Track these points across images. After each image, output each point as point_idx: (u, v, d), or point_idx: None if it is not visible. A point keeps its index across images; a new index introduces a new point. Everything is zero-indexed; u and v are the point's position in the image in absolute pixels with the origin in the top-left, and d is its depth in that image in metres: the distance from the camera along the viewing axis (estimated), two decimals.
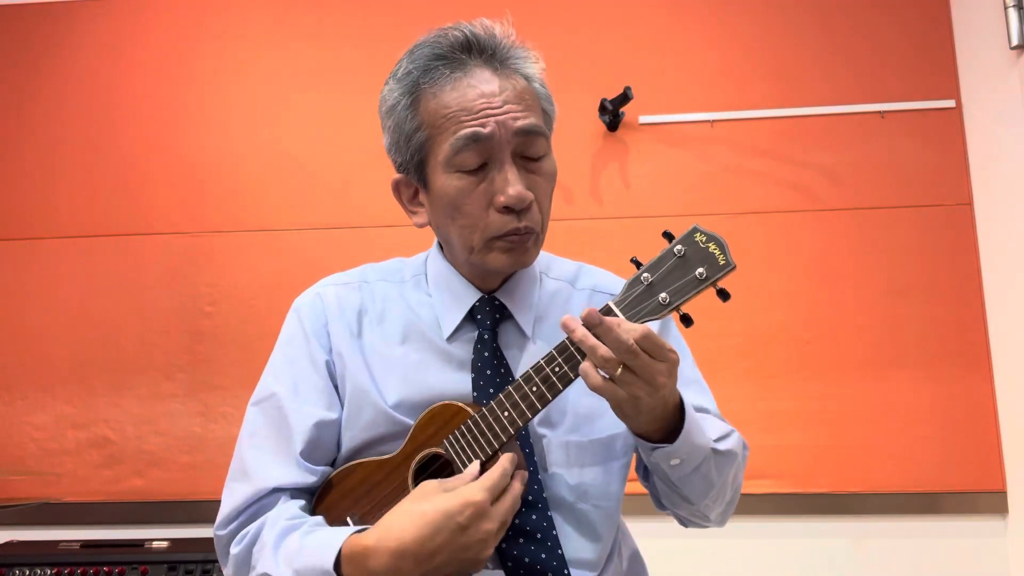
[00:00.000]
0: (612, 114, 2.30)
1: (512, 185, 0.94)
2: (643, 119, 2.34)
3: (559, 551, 0.95)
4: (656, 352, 0.84)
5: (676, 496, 1.01)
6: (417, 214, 1.05)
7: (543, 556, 0.94)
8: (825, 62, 2.33)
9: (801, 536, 2.14)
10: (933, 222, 2.24)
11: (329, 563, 0.86)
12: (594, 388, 0.86)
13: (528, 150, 0.97)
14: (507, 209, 0.95)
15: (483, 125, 0.93)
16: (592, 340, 0.84)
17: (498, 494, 0.87)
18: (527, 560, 0.94)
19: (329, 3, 2.49)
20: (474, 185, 0.95)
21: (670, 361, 0.86)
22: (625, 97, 2.23)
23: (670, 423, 0.92)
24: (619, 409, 0.88)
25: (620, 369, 0.84)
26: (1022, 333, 2.07)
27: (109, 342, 2.35)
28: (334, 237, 2.35)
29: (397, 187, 1.05)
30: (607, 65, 2.36)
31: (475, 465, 0.91)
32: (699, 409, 1.07)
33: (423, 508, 0.86)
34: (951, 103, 2.27)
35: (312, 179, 2.40)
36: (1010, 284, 2.12)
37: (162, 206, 2.42)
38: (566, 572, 0.95)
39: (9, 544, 2.11)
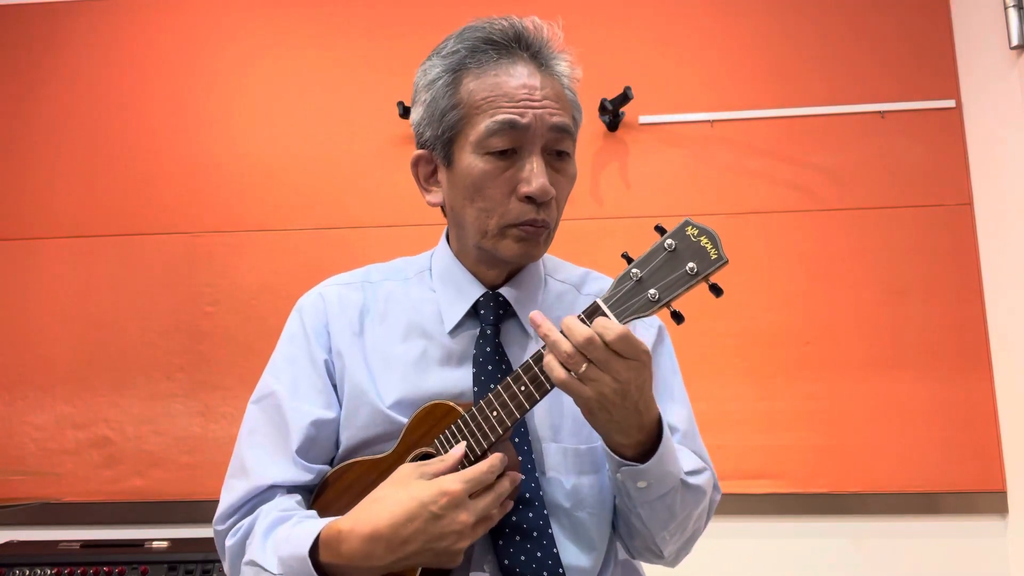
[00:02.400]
0: (612, 114, 2.30)
1: (538, 177, 0.95)
2: (643, 119, 2.34)
3: (554, 550, 0.95)
4: (625, 350, 0.83)
5: (634, 521, 0.98)
6: (432, 192, 1.05)
7: (538, 555, 0.94)
8: (825, 62, 2.33)
9: (801, 536, 2.14)
10: (933, 222, 2.24)
11: (305, 549, 0.87)
12: (558, 383, 0.84)
13: (557, 147, 0.99)
14: (529, 199, 0.96)
15: (522, 114, 0.95)
16: (555, 335, 0.84)
17: (478, 488, 0.87)
18: (523, 558, 0.94)
19: (329, 4, 2.49)
20: (500, 170, 0.96)
21: (639, 360, 0.84)
22: (625, 97, 2.23)
23: (645, 441, 0.90)
24: (589, 413, 0.87)
25: (584, 365, 0.83)
26: (1022, 333, 2.08)
27: (109, 342, 2.35)
28: (334, 237, 2.35)
29: (417, 163, 1.06)
30: (607, 65, 2.36)
31: (460, 447, 0.91)
32: (672, 427, 1.05)
33: (398, 495, 0.86)
34: (951, 103, 2.27)
35: (312, 179, 2.40)
36: (1010, 284, 2.12)
37: (162, 206, 2.42)
38: (560, 571, 0.95)
39: (9, 544, 2.11)
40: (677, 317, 0.85)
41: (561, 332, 0.84)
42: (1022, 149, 2.09)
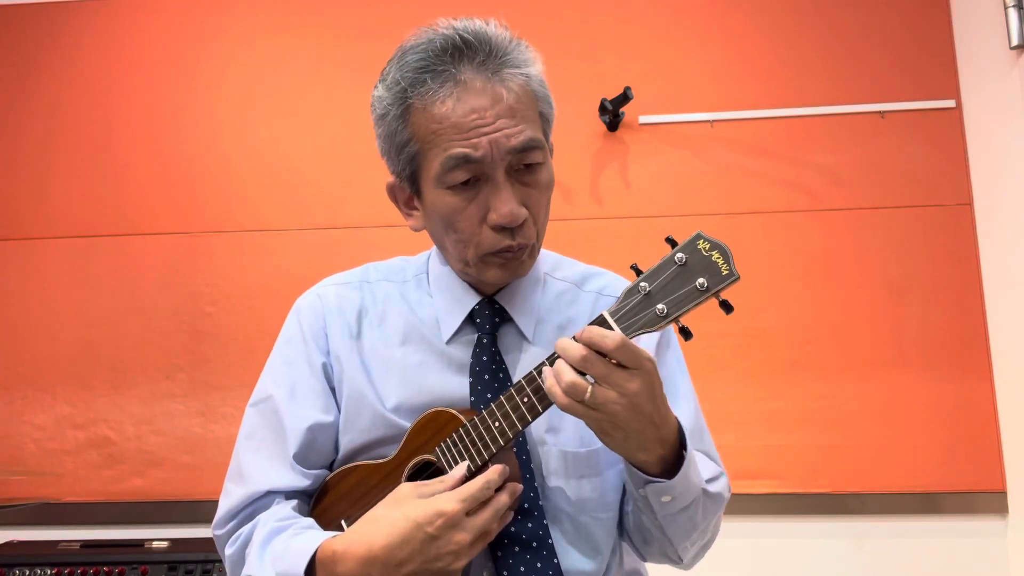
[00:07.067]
0: (612, 114, 2.30)
1: (505, 204, 0.91)
2: (643, 119, 2.34)
3: (555, 560, 0.94)
4: (626, 359, 0.80)
5: (654, 532, 0.96)
6: (413, 217, 1.03)
7: (538, 566, 0.93)
8: (825, 62, 2.33)
9: (802, 536, 2.14)
10: (933, 222, 2.24)
11: (300, 569, 0.86)
12: (563, 409, 0.82)
13: (522, 163, 0.93)
14: (500, 227, 0.93)
15: (474, 147, 0.89)
16: (559, 364, 0.82)
17: (475, 505, 0.85)
18: (522, 569, 0.93)
19: (328, 3, 2.49)
20: (466, 202, 0.93)
21: (642, 368, 0.81)
22: (625, 97, 2.23)
23: (668, 455, 0.88)
24: (603, 435, 0.85)
25: (589, 391, 0.80)
26: (1022, 333, 2.07)
27: (109, 342, 2.35)
28: (334, 237, 2.35)
29: (392, 190, 1.04)
30: (607, 65, 2.36)
31: (461, 467, 0.89)
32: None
33: (394, 516, 0.85)
34: (951, 103, 2.27)
35: (311, 179, 2.40)
36: (1010, 284, 2.12)
37: (161, 206, 2.42)
38: None
39: (9, 544, 2.12)
40: (685, 333, 0.83)
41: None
42: (1022, 149, 2.09)
